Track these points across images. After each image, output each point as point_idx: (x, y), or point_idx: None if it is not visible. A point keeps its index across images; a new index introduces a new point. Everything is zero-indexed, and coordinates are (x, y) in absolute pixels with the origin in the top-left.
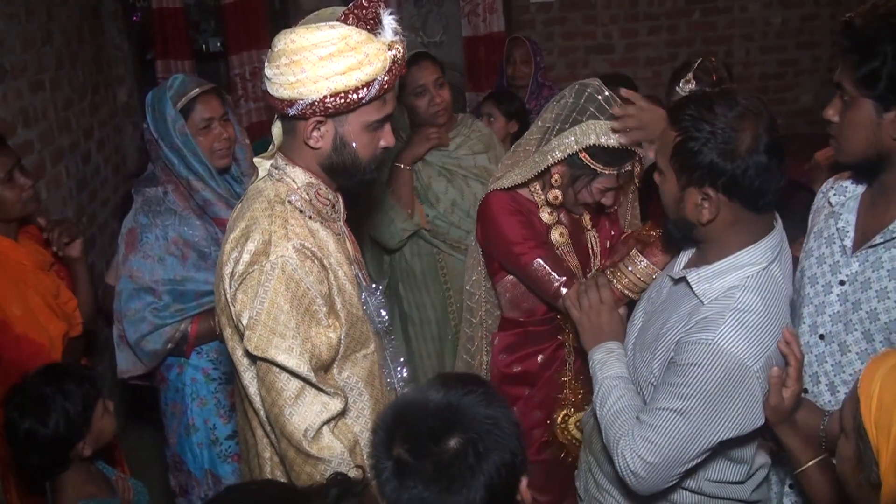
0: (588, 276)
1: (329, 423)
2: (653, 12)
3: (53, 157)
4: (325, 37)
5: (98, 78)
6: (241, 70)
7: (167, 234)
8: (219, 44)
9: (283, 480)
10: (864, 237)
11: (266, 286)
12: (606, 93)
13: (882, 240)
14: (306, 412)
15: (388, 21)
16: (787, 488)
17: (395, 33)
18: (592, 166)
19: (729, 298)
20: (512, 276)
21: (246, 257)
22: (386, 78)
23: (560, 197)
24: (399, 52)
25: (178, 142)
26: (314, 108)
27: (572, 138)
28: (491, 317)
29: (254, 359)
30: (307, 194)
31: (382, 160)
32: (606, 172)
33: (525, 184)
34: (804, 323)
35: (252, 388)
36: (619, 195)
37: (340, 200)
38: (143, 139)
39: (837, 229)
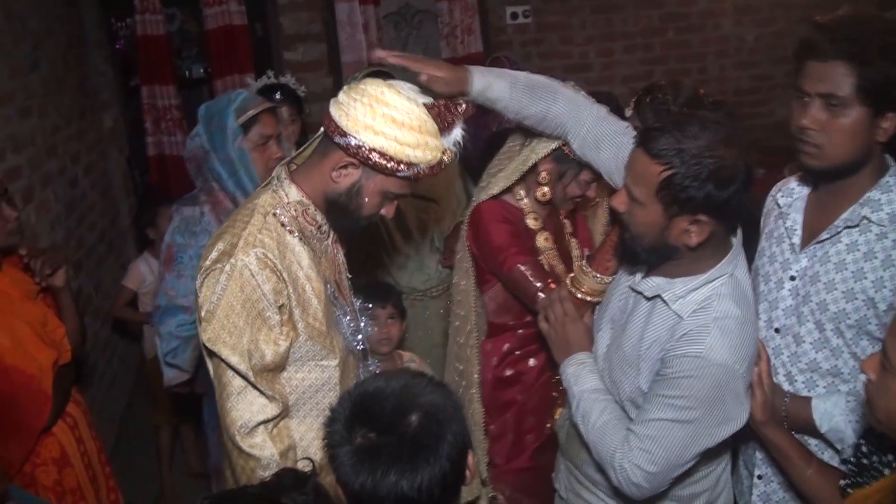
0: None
1: (266, 423)
2: (628, 31)
3: (42, 182)
4: (408, 109)
5: (84, 104)
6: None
7: (201, 255)
8: (201, 70)
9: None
10: (811, 234)
11: (224, 284)
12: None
13: (828, 235)
14: (245, 409)
15: (457, 133)
16: (755, 479)
17: (455, 145)
18: (576, 157)
19: (707, 309)
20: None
21: (214, 254)
22: (425, 169)
23: (548, 194)
24: (447, 160)
25: (233, 155)
26: (357, 150)
27: None
28: (480, 328)
29: (209, 350)
30: (294, 211)
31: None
32: None
33: (510, 189)
34: (760, 318)
35: (212, 374)
36: (601, 185)
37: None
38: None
39: (786, 228)
